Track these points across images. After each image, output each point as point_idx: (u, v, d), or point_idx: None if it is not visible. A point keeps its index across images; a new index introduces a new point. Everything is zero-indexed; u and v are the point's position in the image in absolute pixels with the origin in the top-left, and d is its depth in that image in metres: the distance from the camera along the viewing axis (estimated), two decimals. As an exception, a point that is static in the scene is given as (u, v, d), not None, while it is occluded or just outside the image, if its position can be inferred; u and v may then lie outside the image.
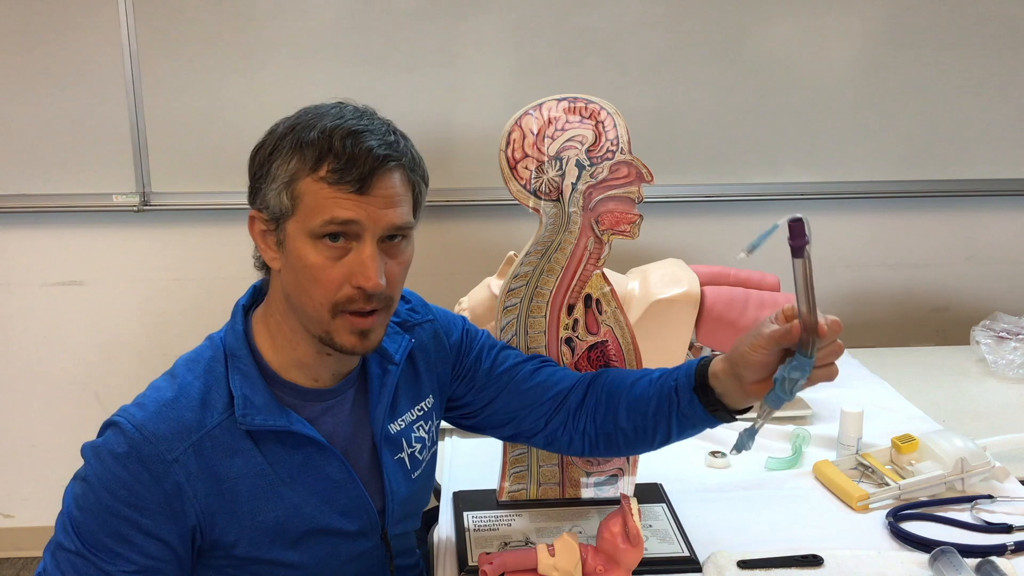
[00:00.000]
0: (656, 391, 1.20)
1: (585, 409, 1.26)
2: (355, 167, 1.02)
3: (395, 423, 1.20)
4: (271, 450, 1.08)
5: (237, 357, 1.09)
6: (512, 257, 1.55)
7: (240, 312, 1.13)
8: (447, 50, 2.26)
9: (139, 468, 1.01)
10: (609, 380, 1.26)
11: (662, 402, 1.19)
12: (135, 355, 2.46)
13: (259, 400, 1.07)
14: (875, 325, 2.58)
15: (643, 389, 1.22)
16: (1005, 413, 1.81)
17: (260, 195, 1.06)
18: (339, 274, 1.04)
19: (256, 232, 1.09)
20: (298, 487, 1.10)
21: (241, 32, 2.22)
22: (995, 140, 2.42)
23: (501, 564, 1.15)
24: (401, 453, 1.20)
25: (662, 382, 1.20)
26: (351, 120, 1.04)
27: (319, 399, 1.13)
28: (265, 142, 1.06)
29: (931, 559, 1.24)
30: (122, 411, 1.05)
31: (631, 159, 1.27)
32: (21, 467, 2.53)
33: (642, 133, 1.40)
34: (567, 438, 1.27)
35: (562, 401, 1.27)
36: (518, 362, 1.29)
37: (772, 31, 2.31)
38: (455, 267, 2.43)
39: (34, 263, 2.39)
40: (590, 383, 1.28)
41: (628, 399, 1.22)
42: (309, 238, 1.03)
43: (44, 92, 2.23)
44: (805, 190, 2.42)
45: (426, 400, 1.25)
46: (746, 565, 1.25)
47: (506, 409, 1.28)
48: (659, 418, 1.20)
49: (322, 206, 1.02)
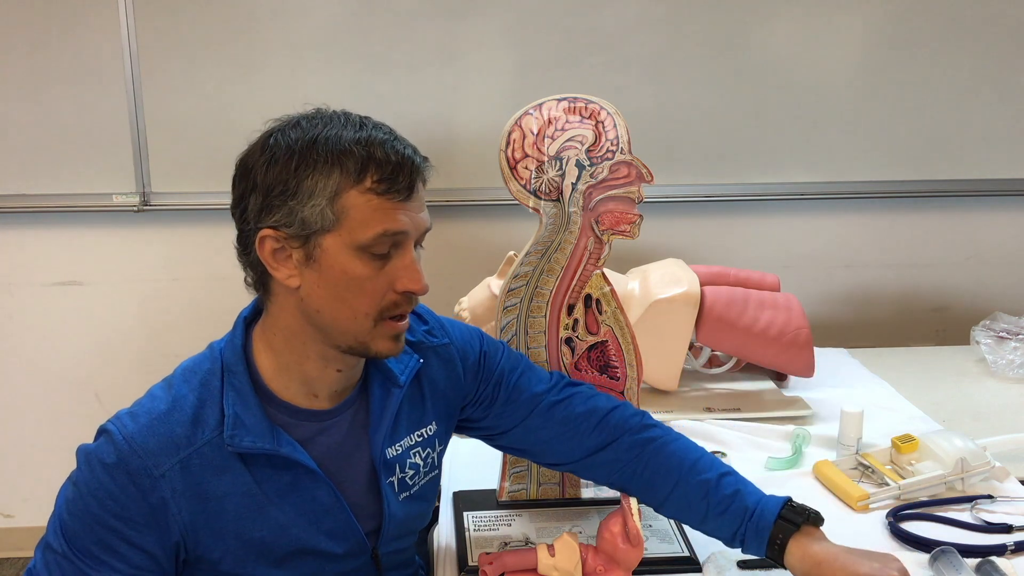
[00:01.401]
0: (715, 522, 1.18)
1: (612, 462, 1.24)
2: (401, 175, 1.02)
3: (393, 447, 1.17)
4: (260, 470, 1.07)
5: (233, 373, 1.07)
6: (512, 257, 1.55)
7: (241, 325, 1.12)
8: (447, 50, 2.26)
9: (126, 480, 1.00)
10: (658, 459, 1.22)
11: (720, 533, 1.19)
12: (135, 355, 2.46)
13: (250, 420, 1.06)
14: (875, 325, 2.57)
15: (697, 502, 1.19)
16: (1005, 413, 1.81)
17: (277, 212, 1.02)
18: (384, 282, 1.04)
19: (267, 251, 1.04)
20: (286, 507, 1.09)
21: (241, 32, 2.22)
22: (995, 140, 2.42)
23: (501, 564, 1.15)
24: (392, 477, 1.18)
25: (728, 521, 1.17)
26: (371, 128, 1.04)
27: (314, 419, 1.11)
28: (276, 156, 1.02)
29: (931, 559, 1.24)
30: (116, 418, 1.04)
31: (631, 159, 1.27)
32: (21, 467, 2.54)
33: (642, 133, 1.40)
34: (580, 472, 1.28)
35: (581, 443, 1.25)
36: (539, 391, 1.26)
37: (772, 31, 2.31)
38: (455, 267, 2.43)
39: (34, 263, 2.39)
40: (614, 436, 1.24)
41: (680, 498, 1.20)
42: (354, 250, 1.02)
43: (44, 92, 2.23)
44: (805, 190, 2.42)
45: (428, 426, 1.22)
46: (746, 565, 1.25)
47: (524, 439, 1.27)
48: (703, 528, 1.20)
49: (373, 218, 1.01)
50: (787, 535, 1.13)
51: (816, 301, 2.53)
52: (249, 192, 1.04)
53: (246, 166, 1.05)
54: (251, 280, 1.10)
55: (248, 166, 1.04)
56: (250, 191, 1.03)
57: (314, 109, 1.07)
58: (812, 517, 1.14)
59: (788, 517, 1.14)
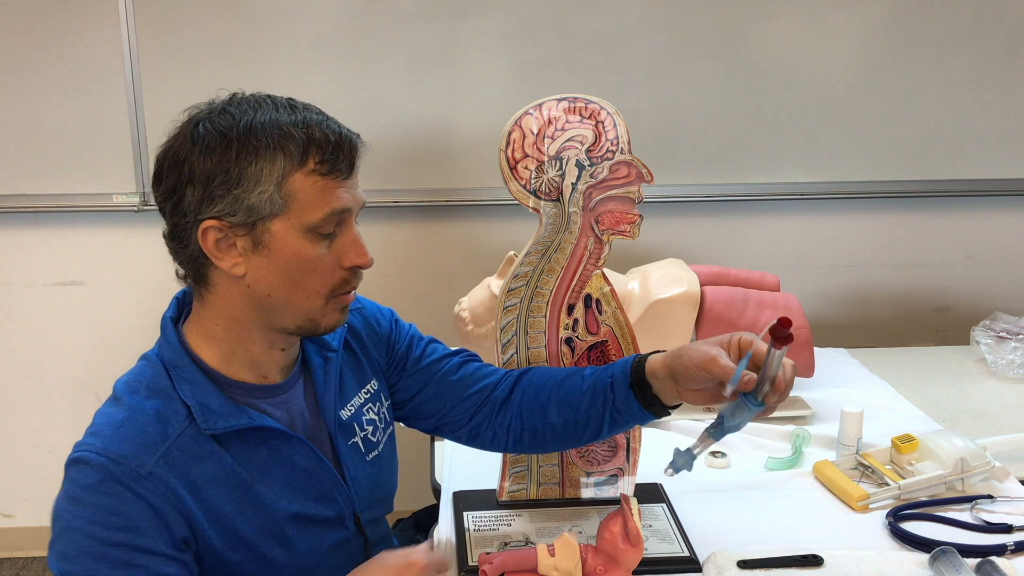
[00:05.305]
0: (590, 386, 1.21)
1: (511, 405, 1.28)
2: (341, 154, 1.03)
3: (345, 408, 1.20)
4: (237, 450, 1.08)
5: (179, 368, 1.07)
6: (512, 257, 1.55)
7: (169, 325, 1.12)
8: (447, 50, 2.26)
9: (119, 489, 0.99)
10: (537, 377, 1.28)
11: (596, 398, 1.21)
12: (135, 355, 2.43)
13: (215, 404, 1.06)
14: (875, 325, 2.58)
15: (575, 385, 1.23)
16: (1005, 413, 1.81)
17: (220, 202, 1.00)
18: (332, 260, 1.06)
19: (210, 243, 1.03)
20: (270, 482, 1.10)
21: (241, 32, 2.22)
22: (995, 140, 2.42)
23: (501, 564, 1.15)
24: (355, 438, 1.21)
25: (596, 378, 1.21)
26: (303, 110, 1.05)
27: (270, 394, 1.13)
28: (210, 145, 1.00)
29: (931, 559, 1.24)
30: (78, 446, 1.02)
31: (631, 159, 1.27)
32: (21, 467, 2.54)
33: (642, 133, 1.40)
34: (490, 433, 1.29)
35: (487, 396, 1.29)
36: (445, 355, 1.32)
37: (772, 31, 2.31)
38: (455, 267, 2.43)
39: (34, 263, 2.39)
40: (517, 379, 1.29)
41: (559, 395, 1.24)
42: (304, 232, 1.03)
43: (44, 92, 2.23)
44: (805, 190, 2.42)
45: (371, 383, 1.26)
46: (746, 565, 1.25)
47: (432, 401, 1.30)
48: (592, 413, 1.21)
49: (320, 199, 1.03)
50: (643, 359, 1.17)
51: (816, 301, 2.53)
52: (184, 184, 1.01)
53: (176, 158, 1.03)
54: (185, 273, 1.10)
55: (179, 158, 1.02)
56: (185, 183, 1.01)
57: (229, 94, 1.07)
58: None
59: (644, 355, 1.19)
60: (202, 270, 1.07)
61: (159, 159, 1.05)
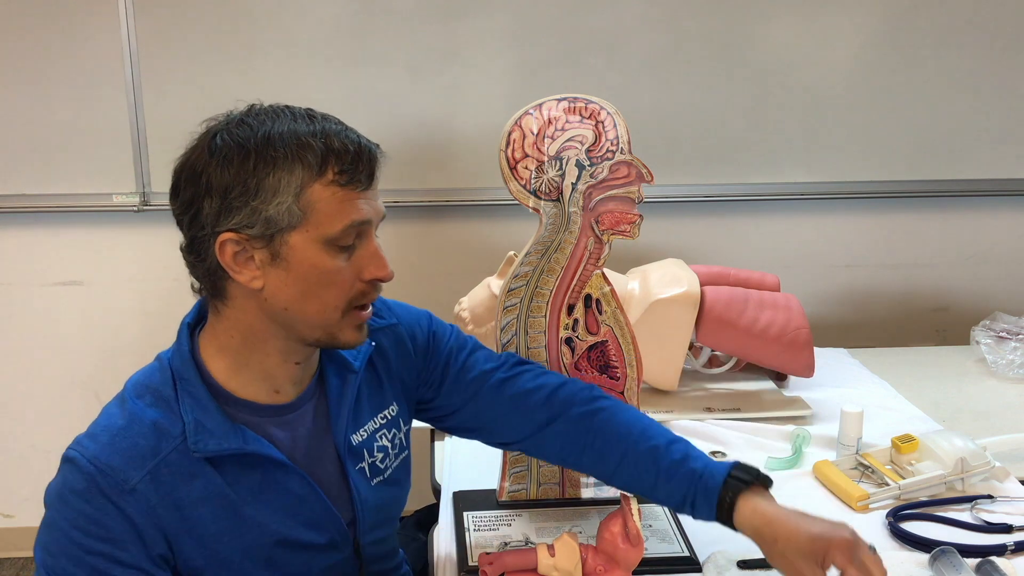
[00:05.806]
0: (665, 488, 1.16)
1: (562, 435, 1.22)
2: (360, 165, 1.01)
3: (358, 433, 1.17)
4: (229, 471, 1.06)
5: (185, 379, 1.06)
6: (512, 257, 1.55)
7: (186, 331, 1.10)
8: (447, 50, 2.26)
9: (102, 500, 0.99)
10: (607, 429, 1.21)
11: (670, 498, 1.17)
12: (135, 355, 2.43)
13: (211, 423, 1.04)
14: (875, 325, 2.58)
15: (647, 469, 1.17)
16: (1005, 413, 1.81)
17: (238, 214, 0.99)
18: (351, 273, 1.04)
19: (228, 256, 1.01)
20: (260, 506, 1.07)
21: (241, 32, 2.22)
22: (995, 140, 2.42)
23: (501, 564, 1.15)
24: (362, 463, 1.17)
25: (677, 485, 1.15)
26: (321, 120, 1.03)
27: (277, 414, 1.10)
28: (228, 156, 0.99)
29: (931, 559, 1.24)
30: (76, 443, 1.02)
31: (631, 159, 1.27)
32: (21, 467, 2.53)
33: (642, 133, 1.40)
34: (527, 449, 1.27)
35: (542, 428, 1.23)
36: (488, 369, 1.25)
37: (772, 31, 2.31)
38: (455, 267, 2.43)
39: (34, 263, 2.39)
40: (589, 416, 1.22)
41: (630, 466, 1.18)
42: (323, 244, 1.01)
43: (44, 92, 2.23)
44: (805, 190, 2.42)
45: (390, 408, 1.22)
46: (746, 565, 1.25)
47: (475, 417, 1.26)
48: (654, 495, 1.18)
49: (340, 210, 1.01)
50: (736, 493, 1.11)
51: (816, 301, 2.53)
52: (201, 196, 1.00)
53: (193, 170, 1.01)
54: (202, 286, 1.08)
55: (196, 170, 1.01)
56: (203, 195, 1.00)
57: (247, 105, 1.05)
58: (762, 477, 1.13)
59: (737, 476, 1.12)
60: (219, 283, 1.05)
61: (176, 171, 1.04)
